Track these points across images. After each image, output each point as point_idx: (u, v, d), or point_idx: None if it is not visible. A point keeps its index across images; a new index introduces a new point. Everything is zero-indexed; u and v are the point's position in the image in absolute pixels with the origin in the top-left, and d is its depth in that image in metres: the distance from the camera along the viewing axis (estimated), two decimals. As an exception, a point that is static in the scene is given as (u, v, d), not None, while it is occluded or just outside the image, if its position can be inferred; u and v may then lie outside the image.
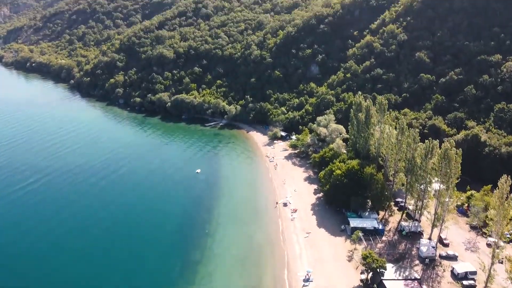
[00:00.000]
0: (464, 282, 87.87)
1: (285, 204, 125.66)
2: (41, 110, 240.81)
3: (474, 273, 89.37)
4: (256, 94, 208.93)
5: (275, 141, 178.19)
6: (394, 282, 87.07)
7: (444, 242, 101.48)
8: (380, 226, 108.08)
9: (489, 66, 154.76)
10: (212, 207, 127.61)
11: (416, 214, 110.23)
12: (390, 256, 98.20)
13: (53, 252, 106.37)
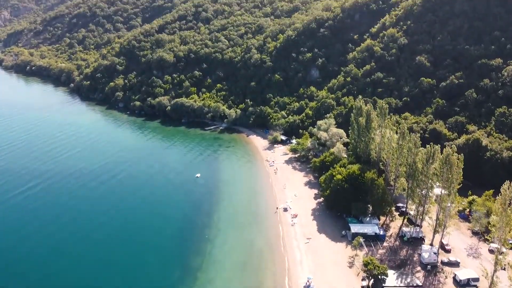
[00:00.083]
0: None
1: (285, 209, 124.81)
2: (41, 113, 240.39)
3: (477, 280, 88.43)
4: (256, 98, 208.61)
5: (275, 145, 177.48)
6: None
7: (446, 248, 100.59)
8: (381, 232, 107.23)
9: (490, 70, 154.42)
10: (212, 212, 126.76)
11: (417, 219, 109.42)
12: (392, 262, 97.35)
13: (53, 257, 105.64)
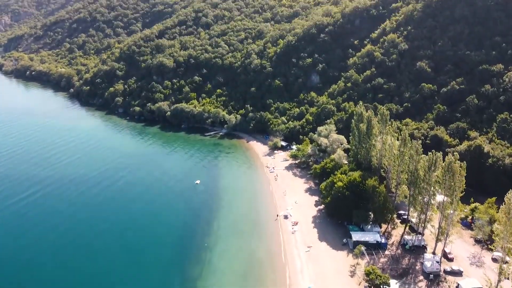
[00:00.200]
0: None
1: (285, 217, 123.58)
2: (40, 119, 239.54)
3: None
4: (256, 103, 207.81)
5: (276, 151, 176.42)
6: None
7: (449, 257, 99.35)
8: (382, 240, 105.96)
9: (491, 76, 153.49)
10: (212, 219, 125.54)
11: (419, 227, 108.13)
12: (394, 271, 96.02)
13: (52, 266, 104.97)
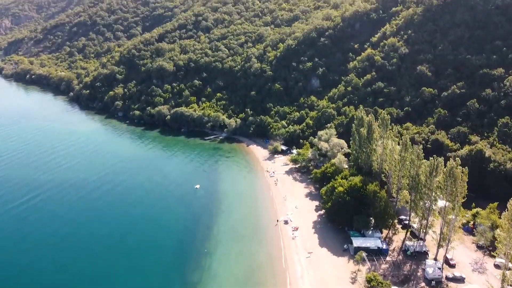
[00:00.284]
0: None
1: (286, 222, 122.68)
2: (40, 123, 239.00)
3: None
4: (256, 107, 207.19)
5: (276, 155, 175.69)
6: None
7: (451, 263, 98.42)
8: (384, 246, 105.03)
9: (492, 80, 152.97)
10: (212, 224, 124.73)
11: (420, 232, 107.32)
12: (395, 277, 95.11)
13: (52, 271, 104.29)
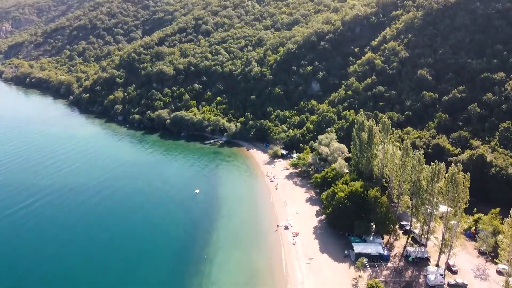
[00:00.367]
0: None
1: (286, 227, 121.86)
2: (40, 127, 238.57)
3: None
4: (256, 111, 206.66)
5: (276, 160, 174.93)
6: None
7: (453, 269, 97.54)
8: (385, 252, 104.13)
9: (493, 84, 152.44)
10: (212, 230, 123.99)
11: (422, 238, 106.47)
12: (397, 284, 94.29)
13: (52, 276, 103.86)
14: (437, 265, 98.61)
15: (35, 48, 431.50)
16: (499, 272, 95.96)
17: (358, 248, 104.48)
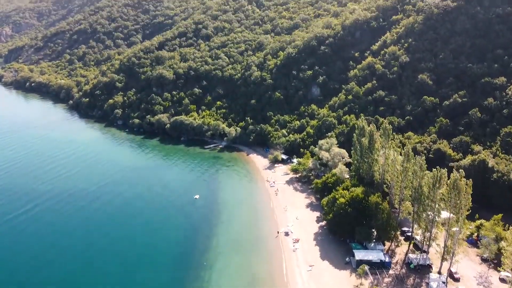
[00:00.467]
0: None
1: (286, 233, 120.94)
2: (39, 131, 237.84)
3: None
4: (256, 115, 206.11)
5: (276, 165, 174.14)
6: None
7: (455, 277, 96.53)
8: (386, 259, 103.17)
9: (494, 89, 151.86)
10: (212, 236, 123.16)
11: (424, 245, 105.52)
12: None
13: (51, 284, 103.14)
14: (439, 272, 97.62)
15: (35, 52, 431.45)
16: (502, 280, 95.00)
17: (359, 255, 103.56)
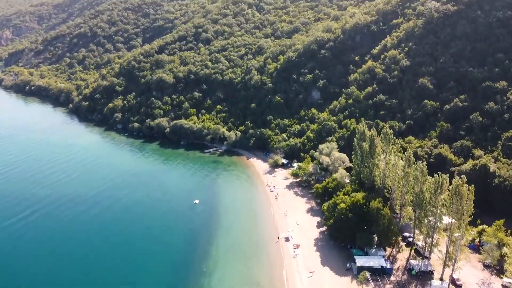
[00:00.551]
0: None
1: (287, 239, 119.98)
2: (39, 135, 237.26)
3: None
4: (256, 119, 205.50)
5: (276, 169, 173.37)
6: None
7: (457, 283, 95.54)
8: (388, 265, 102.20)
9: (495, 93, 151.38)
10: (212, 241, 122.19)
11: (425, 251, 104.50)
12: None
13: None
14: (441, 279, 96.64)
15: (35, 56, 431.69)
16: (505, 287, 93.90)
17: (361, 261, 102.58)
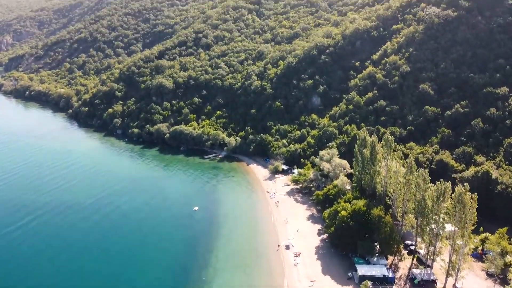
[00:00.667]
0: None
1: (287, 247, 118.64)
2: (38, 141, 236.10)
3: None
4: (256, 125, 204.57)
5: (276, 175, 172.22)
6: None
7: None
8: (390, 274, 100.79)
9: (496, 99, 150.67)
10: (211, 249, 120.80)
11: (428, 259, 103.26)
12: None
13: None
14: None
15: (35, 61, 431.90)
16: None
17: (362, 270, 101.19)
